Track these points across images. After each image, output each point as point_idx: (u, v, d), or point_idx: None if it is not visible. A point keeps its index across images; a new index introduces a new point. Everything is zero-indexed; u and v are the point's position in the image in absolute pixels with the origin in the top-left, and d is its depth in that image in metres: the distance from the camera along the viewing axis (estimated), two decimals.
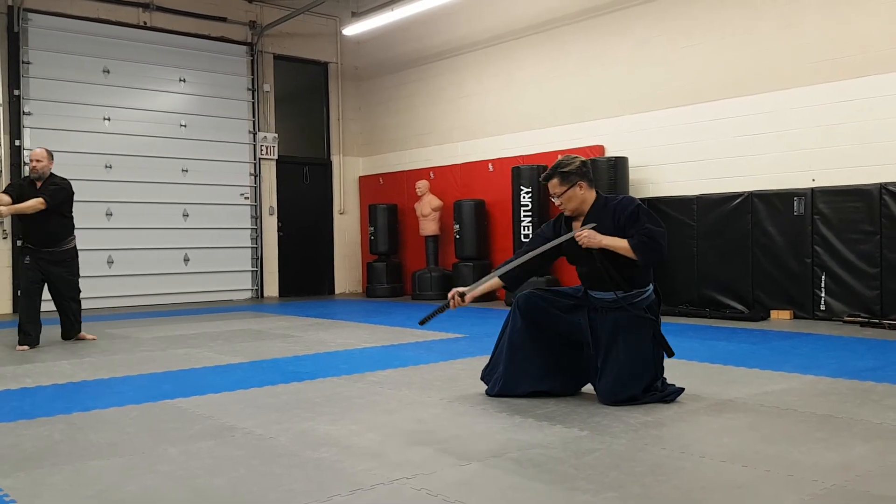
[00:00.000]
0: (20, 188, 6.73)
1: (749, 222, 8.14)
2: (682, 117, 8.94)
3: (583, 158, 4.11)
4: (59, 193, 6.62)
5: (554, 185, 4.05)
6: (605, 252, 3.91)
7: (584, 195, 4.05)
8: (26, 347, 6.49)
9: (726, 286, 8.31)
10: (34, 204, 6.46)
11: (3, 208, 6.43)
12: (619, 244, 3.88)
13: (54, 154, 6.84)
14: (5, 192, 6.76)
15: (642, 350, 3.93)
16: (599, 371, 3.98)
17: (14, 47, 10.35)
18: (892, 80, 7.34)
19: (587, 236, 3.90)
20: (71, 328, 6.94)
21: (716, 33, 8.66)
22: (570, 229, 4.10)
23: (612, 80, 9.70)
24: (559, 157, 4.19)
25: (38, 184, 6.66)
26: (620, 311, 3.94)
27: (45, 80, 10.57)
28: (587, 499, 2.58)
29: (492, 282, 4.21)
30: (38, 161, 6.65)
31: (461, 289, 4.11)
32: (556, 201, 4.09)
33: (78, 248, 6.99)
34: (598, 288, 4.01)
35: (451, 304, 4.06)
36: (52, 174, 6.75)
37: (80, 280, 6.96)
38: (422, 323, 4.20)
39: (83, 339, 7.03)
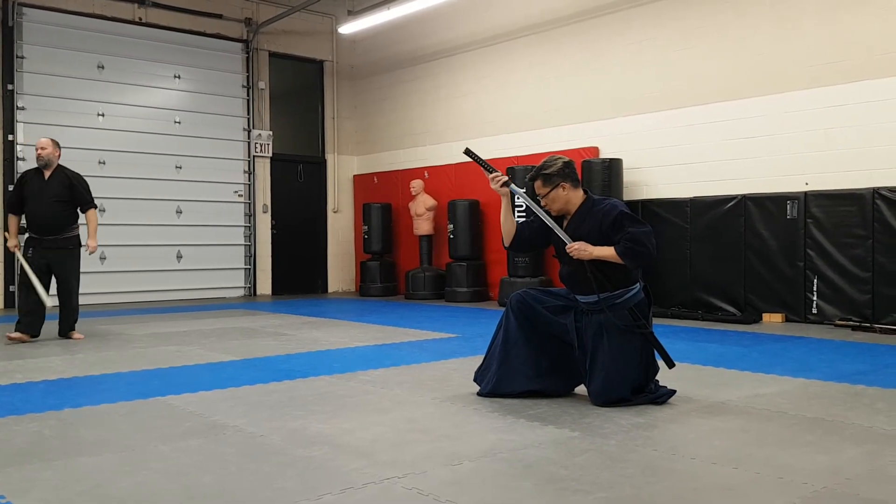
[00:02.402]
0: (31, 181, 6.73)
1: (742, 225, 8.17)
2: (677, 120, 8.96)
3: (566, 159, 4.12)
4: (84, 186, 6.80)
5: (538, 187, 4.11)
6: (594, 260, 3.95)
7: (567, 196, 4.07)
8: (21, 336, 6.50)
9: (719, 289, 8.33)
10: (94, 217, 6.80)
11: (91, 244, 6.67)
12: (607, 253, 3.92)
13: None
14: (16, 186, 6.88)
15: (629, 352, 3.94)
16: (588, 373, 3.99)
17: (8, 42, 10.31)
18: (886, 84, 7.36)
19: (578, 249, 3.94)
20: (65, 325, 6.87)
21: (711, 37, 8.68)
22: (560, 225, 4.13)
23: (607, 82, 9.71)
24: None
25: (46, 173, 6.72)
26: (605, 314, 3.95)
27: (39, 74, 10.53)
28: (578, 499, 2.58)
29: (512, 219, 4.25)
30: (42, 149, 6.70)
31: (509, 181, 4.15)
32: (542, 202, 4.12)
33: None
34: (581, 291, 4.04)
35: (499, 176, 4.08)
36: (60, 166, 6.81)
37: (79, 273, 6.93)
38: (468, 152, 4.35)
39: (72, 337, 6.88)
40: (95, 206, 6.88)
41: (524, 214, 9.63)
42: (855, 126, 7.56)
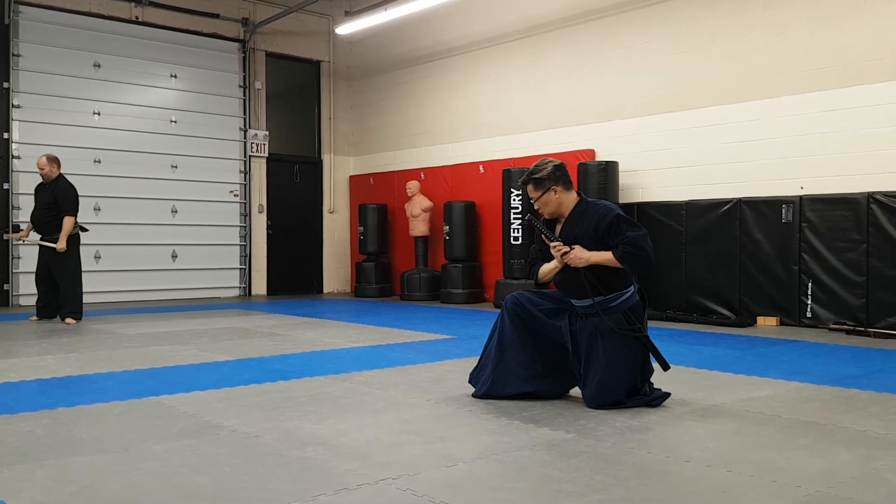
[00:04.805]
0: (37, 191, 8.19)
1: (737, 229, 8.18)
2: (673, 123, 8.97)
3: (557, 162, 4.12)
4: (66, 196, 7.96)
5: (530, 191, 4.12)
6: (590, 265, 3.95)
7: (559, 199, 4.07)
8: (36, 318, 8.15)
9: (714, 292, 8.35)
10: (67, 223, 7.86)
11: (61, 244, 7.82)
12: (605, 258, 3.92)
13: (43, 147, 7.98)
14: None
15: (623, 355, 3.94)
16: (583, 376, 4.00)
17: (4, 39, 10.29)
18: (880, 90, 7.39)
19: (574, 257, 3.94)
20: (63, 309, 8.03)
21: (706, 41, 8.69)
22: (552, 230, 4.14)
23: (603, 85, 9.72)
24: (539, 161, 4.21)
25: (47, 185, 8.08)
26: (600, 317, 3.95)
27: (35, 73, 10.50)
28: (572, 501, 2.58)
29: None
30: (41, 168, 8.03)
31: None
32: (535, 205, 4.12)
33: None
34: (575, 295, 4.04)
35: (561, 246, 3.97)
36: (60, 176, 8.05)
37: (77, 271, 8.08)
38: (528, 221, 4.33)
39: (66, 322, 7.93)
40: (73, 215, 7.94)
41: (520, 216, 9.65)
42: (850, 130, 7.58)
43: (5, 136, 10.28)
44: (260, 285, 12.45)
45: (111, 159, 11.08)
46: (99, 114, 11.04)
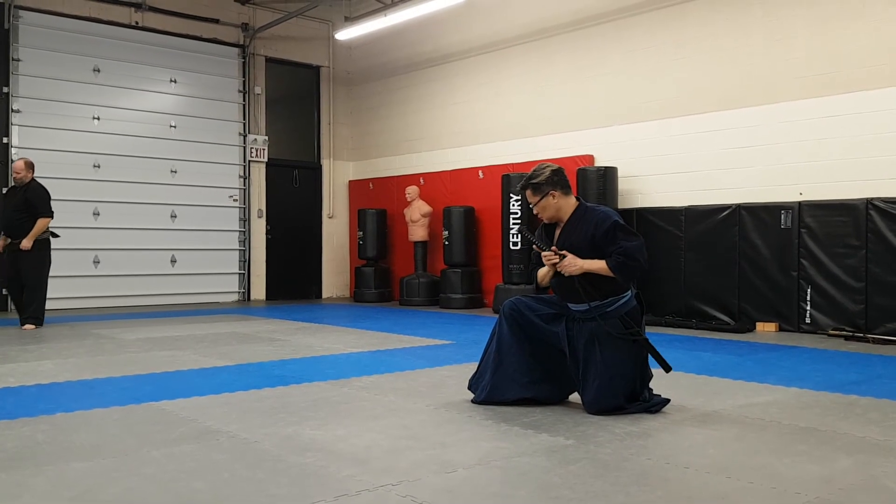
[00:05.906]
0: (9, 194, 8.21)
1: (736, 234, 8.19)
2: (672, 129, 8.98)
3: (555, 167, 4.12)
4: (39, 198, 7.95)
5: (528, 196, 4.13)
6: (584, 273, 3.95)
7: (557, 204, 4.07)
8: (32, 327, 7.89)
9: (713, 297, 8.35)
10: (40, 224, 7.84)
11: (25, 242, 7.75)
12: (598, 266, 3.92)
13: (42, 151, 7.81)
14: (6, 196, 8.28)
15: (622, 360, 3.94)
16: (582, 382, 3.99)
17: (4, 44, 10.30)
18: (879, 96, 7.40)
19: (567, 265, 3.94)
20: (22, 312, 8.00)
21: (705, 47, 8.71)
22: (549, 235, 4.14)
23: (602, 91, 9.73)
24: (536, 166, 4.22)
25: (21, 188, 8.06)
26: (597, 322, 3.95)
27: (34, 77, 10.51)
28: None
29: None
30: (16, 173, 8.05)
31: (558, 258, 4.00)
32: (534, 210, 4.13)
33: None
34: (572, 300, 4.04)
35: (552, 256, 3.97)
36: (32, 180, 8.01)
37: (44, 275, 8.03)
38: (522, 231, 4.35)
39: (24, 328, 7.84)
40: (47, 216, 7.91)
41: (519, 222, 9.66)
42: (849, 137, 7.59)
43: (5, 140, 10.28)
44: (259, 290, 12.45)
45: (110, 164, 11.08)
46: (98, 118, 11.05)
